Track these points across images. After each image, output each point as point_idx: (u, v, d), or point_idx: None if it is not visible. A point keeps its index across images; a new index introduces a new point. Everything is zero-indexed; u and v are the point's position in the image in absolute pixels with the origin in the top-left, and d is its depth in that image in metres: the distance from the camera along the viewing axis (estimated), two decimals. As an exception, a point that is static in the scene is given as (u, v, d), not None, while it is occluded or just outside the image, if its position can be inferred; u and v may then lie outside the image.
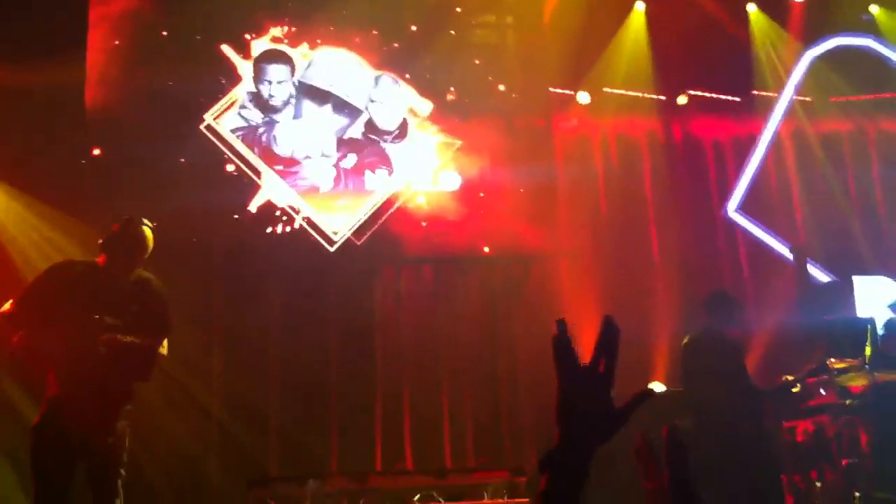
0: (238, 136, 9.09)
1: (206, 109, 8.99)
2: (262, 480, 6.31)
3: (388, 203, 9.29)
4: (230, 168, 8.99)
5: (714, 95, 10.57)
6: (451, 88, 9.61)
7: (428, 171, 9.48)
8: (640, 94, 10.46)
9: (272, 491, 6.00)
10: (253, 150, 9.10)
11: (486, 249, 9.34)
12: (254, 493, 6.06)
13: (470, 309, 8.92)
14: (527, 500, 5.92)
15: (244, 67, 9.20)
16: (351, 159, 9.33)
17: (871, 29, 10.60)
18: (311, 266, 8.82)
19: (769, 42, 10.59)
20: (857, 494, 6.44)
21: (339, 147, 9.30)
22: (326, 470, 7.60)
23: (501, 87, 9.77)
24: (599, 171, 10.05)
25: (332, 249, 9.06)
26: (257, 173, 9.01)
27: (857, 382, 6.96)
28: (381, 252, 9.12)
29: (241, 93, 9.18)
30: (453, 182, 9.49)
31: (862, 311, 8.44)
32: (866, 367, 6.99)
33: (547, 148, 9.93)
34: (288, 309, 8.57)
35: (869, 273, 9.16)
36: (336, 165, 9.26)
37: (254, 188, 8.95)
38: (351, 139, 9.38)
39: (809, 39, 10.52)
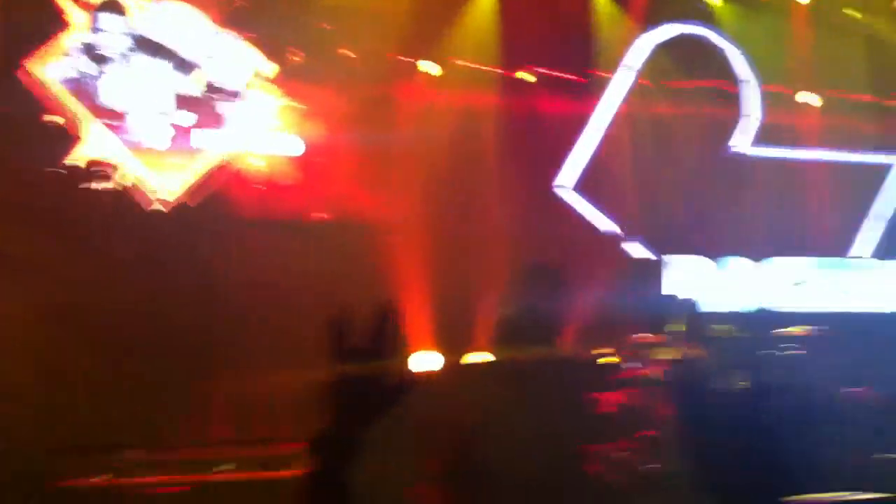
0: (65, 87, 8.69)
1: (31, 56, 8.55)
2: (62, 450, 6.10)
3: (224, 164, 9.10)
4: (54, 119, 8.60)
5: (560, 74, 10.74)
6: (297, 51, 9.46)
7: (268, 134, 9.33)
8: (487, 68, 10.53)
9: (72, 461, 5.82)
10: (81, 103, 8.73)
11: (324, 216, 9.28)
12: (53, 462, 5.87)
13: (303, 277, 8.84)
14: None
15: (76, 15, 8.78)
16: (187, 117, 9.09)
17: (706, 17, 10.98)
18: (139, 226, 8.57)
19: (612, 24, 10.83)
20: (657, 467, 6.72)
21: (175, 104, 9.04)
22: (134, 439, 7.40)
23: (348, 53, 9.68)
24: (441, 142, 10.07)
25: (163, 209, 8.83)
26: (84, 127, 8.66)
27: (666, 356, 7.26)
28: (215, 214, 8.94)
29: (71, 41, 8.76)
30: (295, 146, 9.38)
31: (676, 289, 8.81)
32: (675, 341, 7.30)
33: (391, 116, 9.90)
34: (111, 269, 8.30)
35: (693, 252, 9.53)
36: (171, 123, 9.01)
37: (79, 142, 8.60)
38: (188, 97, 9.13)
39: (650, 23, 10.81)
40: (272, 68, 9.34)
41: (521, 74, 10.52)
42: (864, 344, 8.78)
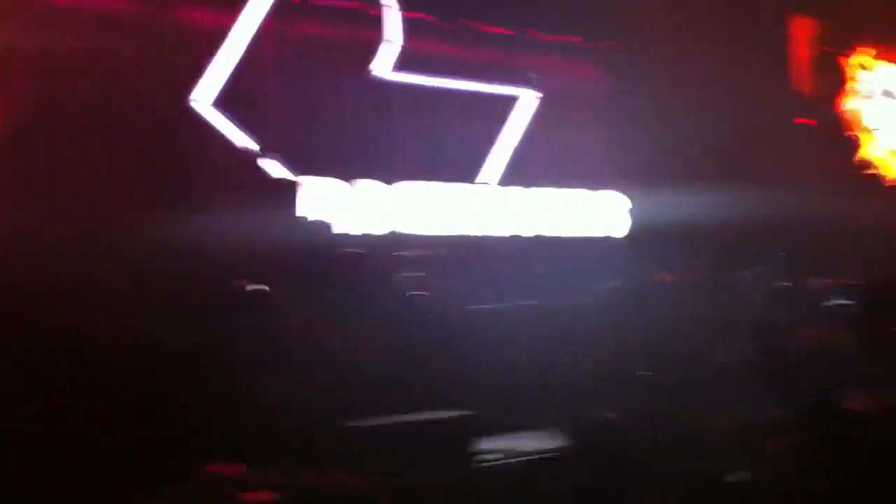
0: None
1: None
2: None
3: None
4: None
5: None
6: None
7: None
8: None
9: None
10: None
11: None
12: None
13: None
14: None
15: None
16: None
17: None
18: None
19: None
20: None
21: None
22: None
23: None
24: (58, 48, 9.03)
25: None
26: None
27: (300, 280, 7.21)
28: None
29: None
30: None
31: (311, 211, 8.75)
32: (312, 264, 7.26)
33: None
34: None
35: (328, 174, 9.48)
36: None
37: None
38: None
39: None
40: None
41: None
42: (487, 267, 9.32)
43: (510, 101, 11.91)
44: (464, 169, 11.00)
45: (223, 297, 7.26)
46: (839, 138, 14.08)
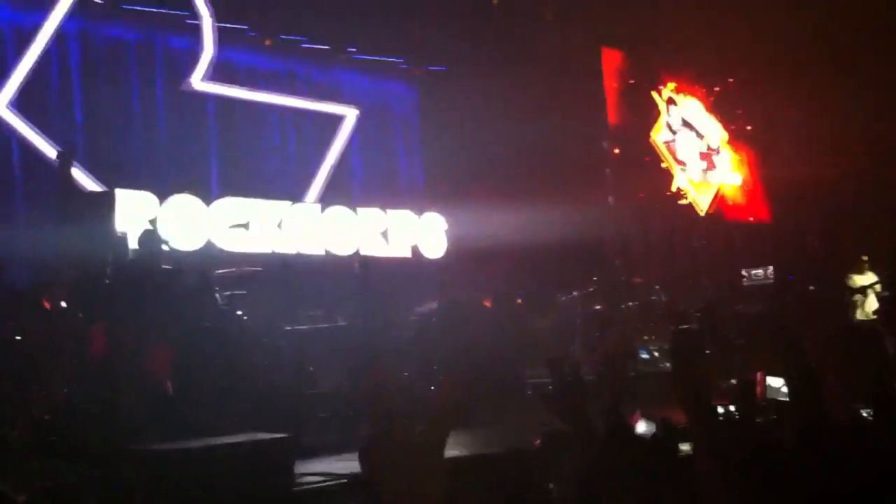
0: None
1: None
2: None
3: None
4: None
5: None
6: None
7: None
8: None
9: None
10: None
11: None
12: None
13: None
14: None
15: None
16: None
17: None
18: None
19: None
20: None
21: None
22: None
23: None
24: None
25: None
26: None
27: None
28: None
29: None
30: None
31: (123, 224, 8.33)
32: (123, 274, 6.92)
33: None
34: None
35: (141, 187, 9.04)
36: None
37: None
38: None
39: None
40: None
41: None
42: (304, 286, 9.12)
43: (333, 119, 11.79)
44: (288, 186, 10.77)
45: (22, 311, 6.88)
46: (649, 169, 14.60)
